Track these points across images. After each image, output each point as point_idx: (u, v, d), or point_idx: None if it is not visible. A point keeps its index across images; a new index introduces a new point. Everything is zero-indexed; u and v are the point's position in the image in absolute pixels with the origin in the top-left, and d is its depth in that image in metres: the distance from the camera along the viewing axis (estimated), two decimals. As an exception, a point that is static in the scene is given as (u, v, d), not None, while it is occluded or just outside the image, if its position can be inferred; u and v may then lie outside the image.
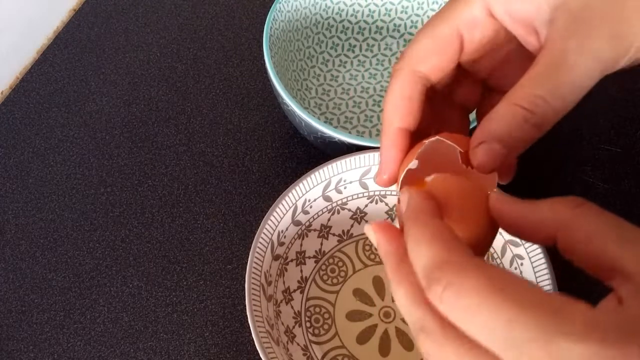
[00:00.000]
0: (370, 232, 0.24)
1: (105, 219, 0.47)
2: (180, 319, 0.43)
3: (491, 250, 0.41)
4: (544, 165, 0.49)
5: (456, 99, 0.30)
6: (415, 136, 0.28)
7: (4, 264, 0.45)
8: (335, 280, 0.43)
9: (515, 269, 0.39)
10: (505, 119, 0.24)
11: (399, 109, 0.27)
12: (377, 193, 0.43)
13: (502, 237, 0.40)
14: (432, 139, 0.26)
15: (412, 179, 0.26)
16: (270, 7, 0.46)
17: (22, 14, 0.55)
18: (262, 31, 0.45)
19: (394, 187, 0.42)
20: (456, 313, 0.19)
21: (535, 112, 0.24)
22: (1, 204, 0.48)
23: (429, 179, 0.25)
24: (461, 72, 0.30)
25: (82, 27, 0.57)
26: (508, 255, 0.39)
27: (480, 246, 0.25)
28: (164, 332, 0.43)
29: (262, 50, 0.44)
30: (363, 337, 0.41)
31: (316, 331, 0.41)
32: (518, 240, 0.39)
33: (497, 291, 0.19)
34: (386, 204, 0.43)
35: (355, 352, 0.41)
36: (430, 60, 0.27)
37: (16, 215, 0.47)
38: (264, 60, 0.44)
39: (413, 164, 0.26)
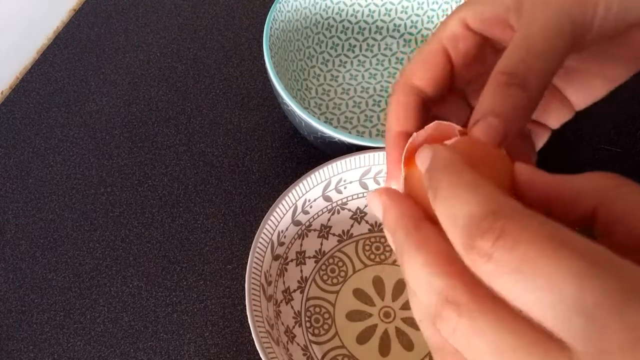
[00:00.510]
0: (375, 199, 0.23)
1: (105, 219, 0.47)
2: (180, 319, 0.43)
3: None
4: (544, 166, 0.49)
5: (448, 118, 0.31)
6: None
7: (4, 264, 0.45)
8: (335, 280, 0.43)
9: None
10: (491, 89, 0.24)
11: (397, 115, 0.28)
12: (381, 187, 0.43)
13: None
14: (432, 123, 0.26)
15: (413, 160, 0.26)
16: (270, 7, 0.46)
17: (22, 14, 0.55)
18: (262, 31, 0.45)
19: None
20: (506, 272, 0.16)
21: (515, 72, 0.24)
22: (1, 204, 0.48)
23: (449, 142, 0.24)
24: (450, 93, 0.30)
25: (82, 27, 0.57)
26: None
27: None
28: (164, 332, 0.43)
29: (262, 50, 0.44)
30: (363, 337, 0.41)
31: (316, 331, 0.41)
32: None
33: (565, 246, 0.15)
34: (386, 204, 0.43)
35: (355, 352, 0.41)
36: (420, 72, 0.28)
37: (16, 215, 0.47)
38: (264, 60, 0.44)
39: (413, 137, 0.26)
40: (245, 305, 0.37)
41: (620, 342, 0.14)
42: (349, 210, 0.43)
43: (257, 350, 0.35)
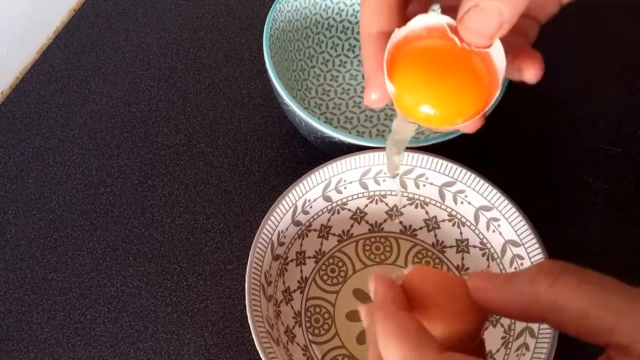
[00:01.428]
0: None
1: (105, 219, 0.47)
2: (180, 319, 0.43)
3: (491, 250, 0.41)
4: (545, 166, 0.49)
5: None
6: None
7: (4, 264, 0.45)
8: (335, 280, 0.43)
9: (515, 268, 0.39)
10: None
11: (377, 12, 0.25)
12: (377, 193, 0.43)
13: (502, 237, 0.40)
14: (417, 16, 0.23)
15: (399, 59, 0.23)
16: (270, 7, 0.46)
17: (22, 14, 0.55)
18: (262, 31, 0.45)
19: (396, 187, 0.42)
20: None
21: None
22: (1, 204, 0.48)
23: (405, 271, 0.24)
24: None
25: (82, 27, 0.57)
26: (508, 256, 0.39)
27: (468, 335, 0.24)
28: (164, 332, 0.43)
29: (262, 50, 0.44)
30: (363, 337, 0.41)
31: (316, 331, 0.41)
32: (518, 240, 0.39)
33: None
34: (386, 204, 0.43)
35: (355, 352, 0.41)
36: None
37: (16, 215, 0.47)
38: (264, 60, 0.44)
39: (397, 34, 0.23)
40: (245, 305, 0.37)
41: None
42: (349, 210, 0.43)
43: (257, 350, 0.35)
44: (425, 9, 0.27)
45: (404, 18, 0.25)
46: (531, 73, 0.25)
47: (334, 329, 0.41)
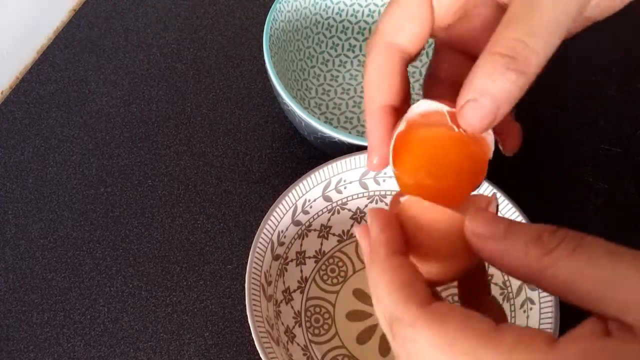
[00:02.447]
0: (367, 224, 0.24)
1: (105, 219, 0.47)
2: (180, 319, 0.43)
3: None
4: (544, 166, 0.49)
5: (442, 75, 0.29)
6: (399, 112, 0.27)
7: (4, 264, 0.45)
8: (335, 280, 0.43)
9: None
10: (486, 69, 0.23)
11: (380, 85, 0.26)
12: (377, 193, 0.43)
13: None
14: (419, 101, 0.25)
15: (402, 145, 0.25)
16: (270, 7, 0.46)
17: (22, 14, 0.55)
18: (262, 31, 0.45)
19: (396, 187, 0.42)
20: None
21: (515, 57, 0.22)
22: (1, 204, 0.48)
23: (402, 199, 0.24)
24: (441, 45, 0.28)
25: (82, 27, 0.57)
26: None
27: (458, 272, 0.24)
28: (164, 332, 0.43)
29: (262, 50, 0.44)
30: (363, 337, 0.41)
31: (316, 331, 0.41)
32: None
33: (446, 345, 0.19)
34: (386, 204, 0.43)
35: (355, 352, 0.41)
36: (404, 29, 0.26)
37: (16, 215, 0.47)
38: (264, 60, 0.44)
39: (401, 126, 0.25)
40: (245, 305, 0.37)
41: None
42: (349, 210, 0.43)
43: (257, 350, 0.35)
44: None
45: (405, 90, 0.27)
46: (508, 147, 0.27)
47: (334, 329, 0.41)
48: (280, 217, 0.40)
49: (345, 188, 0.42)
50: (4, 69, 0.55)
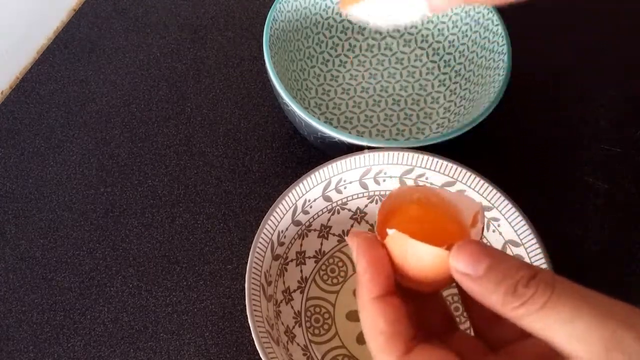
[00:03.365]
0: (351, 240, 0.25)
1: (105, 219, 0.47)
2: (180, 319, 0.43)
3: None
4: (544, 166, 0.49)
5: None
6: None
7: (4, 264, 0.45)
8: (335, 280, 0.43)
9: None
10: None
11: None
12: (377, 193, 0.43)
13: (502, 237, 0.40)
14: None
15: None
16: (270, 7, 0.46)
17: (22, 14, 0.55)
18: (262, 31, 0.45)
19: (395, 185, 0.42)
20: None
21: None
22: (1, 204, 0.48)
23: (390, 232, 0.25)
24: None
25: (82, 27, 0.57)
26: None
27: (447, 286, 0.25)
28: (164, 332, 0.43)
29: (262, 50, 0.44)
30: (363, 337, 0.41)
31: (316, 331, 0.41)
32: (518, 240, 0.39)
33: None
34: (386, 204, 0.43)
35: (355, 352, 0.41)
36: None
37: (16, 215, 0.47)
38: (264, 60, 0.44)
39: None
40: (245, 305, 0.37)
41: None
42: (349, 210, 0.43)
43: (257, 350, 0.35)
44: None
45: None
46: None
47: (334, 329, 0.41)
48: (280, 217, 0.40)
49: (345, 188, 0.42)
50: (4, 69, 0.55)
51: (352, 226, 0.44)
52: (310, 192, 0.41)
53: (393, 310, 0.23)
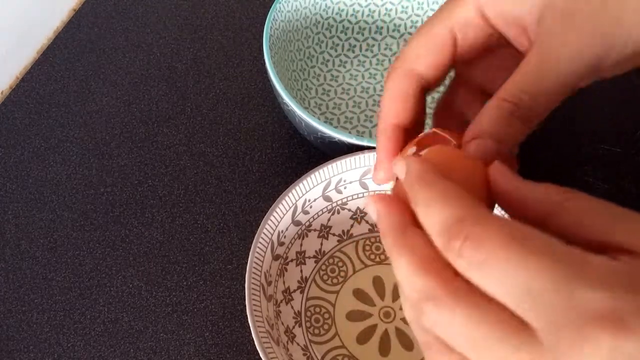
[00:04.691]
0: (371, 204, 0.23)
1: (105, 219, 0.47)
2: (180, 319, 0.43)
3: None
4: (544, 166, 0.49)
5: (455, 109, 0.31)
6: (410, 134, 0.28)
7: (4, 264, 0.45)
8: (335, 280, 0.43)
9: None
10: (493, 113, 0.25)
11: (395, 105, 0.28)
12: (377, 193, 0.43)
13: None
14: (428, 131, 0.26)
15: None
16: (270, 7, 0.46)
17: (22, 14, 0.55)
18: (262, 31, 0.45)
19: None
20: (475, 266, 0.19)
21: (519, 105, 0.24)
22: (1, 204, 0.48)
23: (423, 152, 0.25)
24: (459, 77, 0.30)
25: (82, 27, 0.57)
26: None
27: None
28: (164, 332, 0.43)
29: (262, 50, 0.44)
30: (363, 337, 0.41)
31: (316, 331, 0.41)
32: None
33: (518, 242, 0.18)
34: (386, 204, 0.43)
35: (355, 352, 0.41)
36: (425, 58, 0.27)
37: (16, 215, 0.47)
38: (264, 60, 0.44)
39: (411, 151, 0.26)
40: (245, 305, 0.37)
41: (567, 319, 0.17)
42: (349, 210, 0.43)
43: (257, 350, 0.35)
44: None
45: (418, 113, 0.28)
46: None
47: (334, 329, 0.41)
48: (280, 217, 0.40)
49: (345, 188, 0.42)
50: (4, 69, 0.55)
51: (352, 226, 0.44)
52: (310, 192, 0.41)
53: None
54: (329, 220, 0.43)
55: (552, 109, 0.25)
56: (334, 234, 0.44)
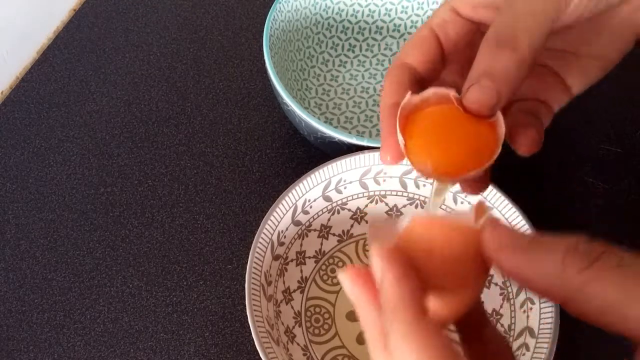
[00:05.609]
0: (346, 281, 0.21)
1: (105, 219, 0.47)
2: (180, 319, 0.43)
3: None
4: (544, 166, 0.49)
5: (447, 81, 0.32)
6: None
7: (4, 264, 0.45)
8: (335, 280, 0.43)
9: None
10: (482, 54, 0.25)
11: (393, 88, 0.29)
12: (377, 193, 0.43)
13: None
14: (427, 90, 0.27)
15: (411, 119, 0.26)
16: (270, 7, 0.46)
17: (22, 14, 0.55)
18: (262, 31, 0.45)
19: (396, 187, 0.42)
20: None
21: (503, 35, 0.25)
22: (1, 204, 0.48)
23: (406, 221, 0.21)
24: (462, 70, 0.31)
25: (82, 27, 0.57)
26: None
27: (466, 306, 0.21)
28: (164, 332, 0.43)
29: (262, 50, 0.44)
30: (363, 337, 0.41)
31: (316, 331, 0.41)
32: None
33: None
34: (386, 204, 0.43)
35: (355, 352, 0.41)
36: (414, 55, 0.30)
37: (16, 215, 0.47)
38: (264, 60, 0.44)
39: (406, 98, 0.26)
40: (245, 305, 0.37)
41: None
42: (349, 210, 0.43)
43: (257, 350, 0.35)
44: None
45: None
46: (521, 149, 0.29)
47: (334, 329, 0.41)
48: (280, 217, 0.40)
49: (345, 188, 0.42)
50: (4, 69, 0.55)
51: (352, 226, 0.44)
52: (310, 192, 0.41)
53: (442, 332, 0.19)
54: (329, 220, 0.43)
55: (539, 39, 0.25)
56: (334, 234, 0.44)
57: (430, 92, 0.26)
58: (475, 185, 0.29)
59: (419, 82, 0.29)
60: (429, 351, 0.18)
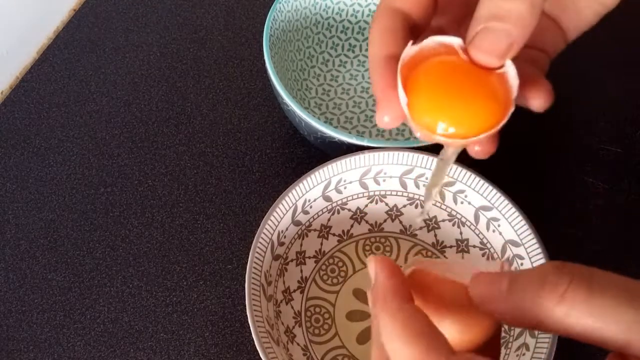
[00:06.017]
0: (371, 264, 0.23)
1: (105, 219, 0.47)
2: (180, 319, 0.43)
3: (491, 250, 0.41)
4: (544, 165, 0.49)
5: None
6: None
7: (4, 264, 0.45)
8: (335, 280, 0.43)
9: (515, 268, 0.39)
10: None
11: (383, 38, 0.25)
12: (377, 193, 0.43)
13: (502, 237, 0.40)
14: (429, 37, 0.24)
15: (414, 73, 0.24)
16: (270, 7, 0.46)
17: (22, 14, 0.55)
18: (262, 31, 0.45)
19: (396, 187, 0.42)
20: None
21: None
22: (1, 204, 0.48)
23: (407, 270, 0.23)
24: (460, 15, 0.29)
25: (82, 27, 0.57)
26: (508, 255, 0.39)
27: (478, 337, 0.22)
28: (164, 332, 0.43)
29: (262, 50, 0.44)
30: (363, 337, 0.41)
31: (316, 331, 0.41)
32: (518, 240, 0.39)
33: None
34: (386, 204, 0.43)
35: (355, 352, 0.41)
36: None
37: (16, 215, 0.47)
38: (264, 60, 0.44)
39: (407, 50, 0.23)
40: (245, 305, 0.37)
41: None
42: (349, 210, 0.43)
43: (257, 350, 0.35)
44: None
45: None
46: (537, 102, 0.26)
47: (334, 329, 0.41)
48: (280, 217, 0.40)
49: (345, 188, 0.42)
50: (4, 69, 0.55)
51: (352, 226, 0.44)
52: (310, 192, 0.41)
53: (424, 314, 0.21)
54: (329, 220, 0.43)
55: None
56: (334, 234, 0.44)
57: (431, 41, 0.23)
58: (486, 147, 0.26)
59: (412, 30, 0.26)
60: (407, 329, 0.20)
